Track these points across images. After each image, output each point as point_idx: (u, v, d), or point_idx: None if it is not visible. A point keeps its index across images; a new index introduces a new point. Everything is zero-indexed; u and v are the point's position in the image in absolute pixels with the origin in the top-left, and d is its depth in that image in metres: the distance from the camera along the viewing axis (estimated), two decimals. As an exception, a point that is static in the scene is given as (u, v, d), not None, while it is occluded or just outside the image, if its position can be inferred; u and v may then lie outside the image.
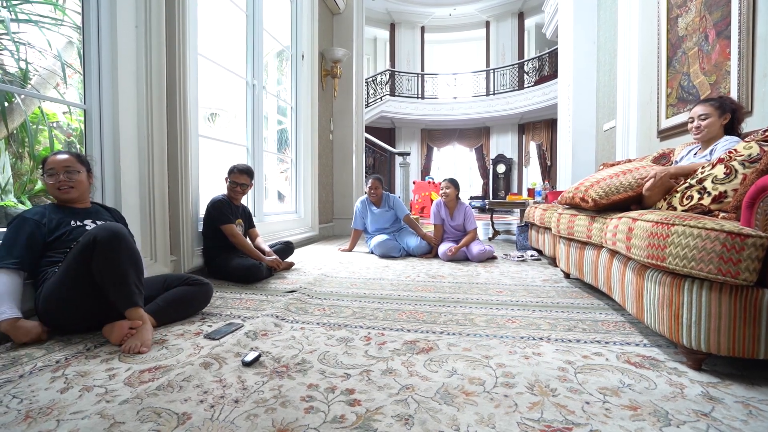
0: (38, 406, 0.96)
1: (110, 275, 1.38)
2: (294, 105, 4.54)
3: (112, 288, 1.40)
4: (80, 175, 1.62)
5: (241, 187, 2.63)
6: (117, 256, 1.39)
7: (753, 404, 0.98)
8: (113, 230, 1.41)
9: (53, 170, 1.57)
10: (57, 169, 1.57)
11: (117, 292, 1.40)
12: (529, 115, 11.90)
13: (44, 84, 2.52)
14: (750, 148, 1.41)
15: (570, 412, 0.95)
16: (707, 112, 1.87)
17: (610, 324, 1.64)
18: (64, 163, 1.58)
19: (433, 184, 10.40)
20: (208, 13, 3.13)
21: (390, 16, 12.77)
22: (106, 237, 1.38)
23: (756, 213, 1.08)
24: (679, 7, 2.99)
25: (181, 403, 0.98)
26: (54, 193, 1.60)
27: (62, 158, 1.59)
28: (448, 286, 2.37)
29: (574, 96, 5.32)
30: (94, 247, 1.37)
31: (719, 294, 1.08)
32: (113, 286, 1.40)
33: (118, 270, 1.39)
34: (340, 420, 0.91)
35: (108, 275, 1.38)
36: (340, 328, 1.57)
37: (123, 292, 1.40)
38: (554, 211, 2.76)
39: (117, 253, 1.39)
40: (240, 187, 2.62)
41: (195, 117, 2.65)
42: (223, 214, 2.48)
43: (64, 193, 1.59)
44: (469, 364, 1.23)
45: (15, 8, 2.23)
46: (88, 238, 1.38)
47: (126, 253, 1.42)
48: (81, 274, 1.39)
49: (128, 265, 1.42)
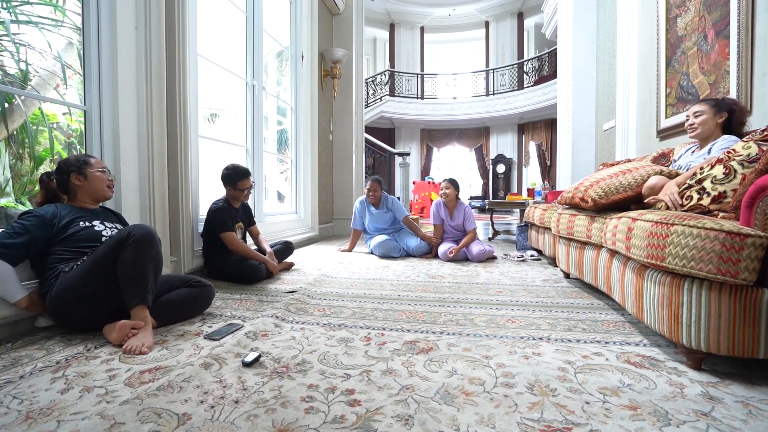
0: (38, 407, 0.97)
1: (132, 269, 1.44)
2: (294, 105, 4.54)
3: (129, 282, 1.44)
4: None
5: (249, 190, 2.66)
6: (144, 253, 1.47)
7: (753, 404, 0.99)
8: (148, 230, 1.52)
9: (104, 169, 1.71)
10: (106, 169, 1.73)
11: (132, 287, 1.44)
12: (528, 115, 11.90)
13: (44, 85, 2.52)
14: (749, 148, 1.40)
15: (570, 412, 0.95)
16: (702, 110, 1.88)
17: (609, 324, 1.64)
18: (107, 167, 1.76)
19: (433, 184, 10.40)
20: (207, 14, 3.13)
21: (389, 16, 12.77)
22: (141, 233, 1.48)
23: (755, 213, 1.08)
24: (678, 7, 2.99)
25: (182, 403, 0.98)
26: (102, 188, 1.70)
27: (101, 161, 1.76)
28: (448, 286, 2.37)
29: (573, 96, 5.32)
30: (128, 239, 1.45)
31: (719, 294, 1.08)
32: (132, 281, 1.45)
33: (140, 265, 1.45)
34: (341, 420, 0.91)
35: (130, 268, 1.44)
36: (340, 329, 1.57)
37: (138, 288, 1.45)
38: (554, 211, 2.76)
39: (145, 250, 1.47)
40: (248, 191, 2.65)
41: (195, 118, 2.65)
42: (224, 222, 2.47)
43: (111, 190, 1.74)
44: (469, 364, 1.23)
45: (15, 10, 2.23)
46: (123, 234, 1.48)
47: (152, 254, 1.50)
48: (106, 269, 1.45)
49: (150, 265, 1.49)
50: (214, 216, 2.49)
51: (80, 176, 1.65)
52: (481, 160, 13.36)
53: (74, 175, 1.64)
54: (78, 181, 1.65)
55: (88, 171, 1.66)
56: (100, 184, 1.68)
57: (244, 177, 2.60)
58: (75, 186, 1.65)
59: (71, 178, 1.64)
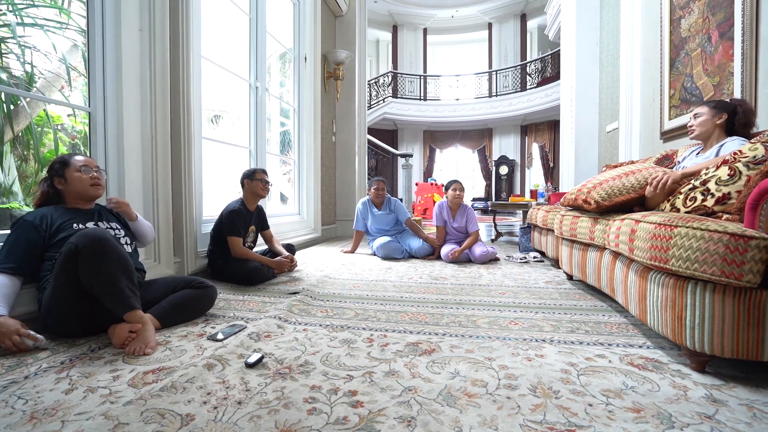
0: (43, 407, 0.97)
1: (100, 283, 1.34)
2: (297, 107, 4.55)
3: (104, 296, 1.36)
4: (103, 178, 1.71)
5: (267, 183, 2.70)
6: (102, 263, 1.34)
7: (757, 407, 0.98)
8: (94, 236, 1.35)
9: (87, 167, 1.63)
10: (90, 165, 1.65)
11: (110, 299, 1.37)
12: (531, 117, 11.89)
13: (49, 87, 2.54)
14: (755, 150, 1.40)
15: (573, 414, 0.95)
16: (701, 112, 1.91)
17: (613, 326, 1.63)
18: (94, 163, 1.68)
19: (436, 185, 10.39)
20: (211, 16, 3.15)
21: (392, 18, 12.80)
22: (88, 244, 1.32)
23: (759, 215, 1.08)
24: (682, 9, 2.98)
25: (185, 404, 0.98)
26: (84, 188, 1.62)
27: (90, 158, 1.69)
28: (451, 287, 2.36)
29: (576, 97, 5.31)
30: (77, 255, 1.32)
31: (723, 296, 1.07)
32: (105, 294, 1.36)
33: (106, 276, 1.35)
34: (343, 421, 0.91)
35: (97, 283, 1.34)
36: (342, 330, 1.58)
37: (116, 298, 1.37)
38: (557, 212, 2.75)
39: (102, 259, 1.34)
40: (266, 183, 2.69)
41: (198, 119, 2.66)
42: (234, 226, 2.48)
43: (96, 188, 1.65)
44: (471, 365, 1.23)
45: (21, 12, 2.24)
46: (69, 248, 1.33)
47: (112, 258, 1.36)
48: (70, 283, 1.35)
49: (116, 270, 1.36)
50: (227, 218, 2.49)
51: (61, 179, 1.60)
52: (483, 162, 13.35)
53: (56, 179, 1.60)
54: (60, 184, 1.60)
55: (66, 173, 1.60)
56: (80, 185, 1.60)
57: (261, 170, 2.69)
58: (59, 190, 1.61)
59: (54, 182, 1.60)
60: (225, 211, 2.54)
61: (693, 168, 1.71)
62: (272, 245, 2.87)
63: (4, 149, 2.39)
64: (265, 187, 2.68)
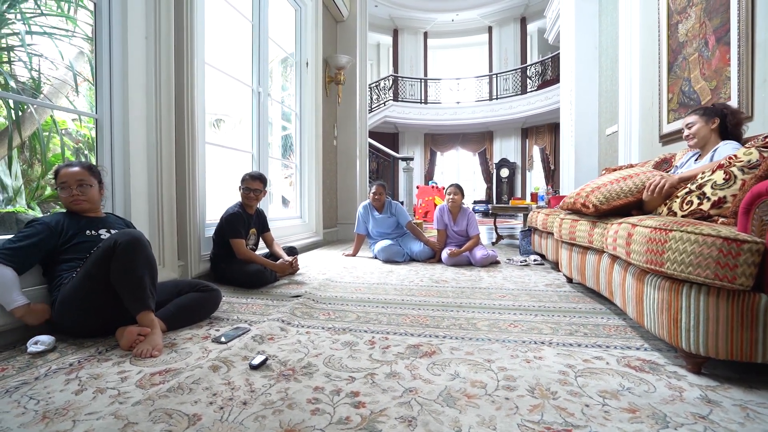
0: (54, 407, 1.00)
1: (127, 278, 1.44)
2: (298, 111, 4.59)
3: (127, 290, 1.45)
4: (92, 188, 1.67)
5: (254, 192, 2.67)
6: (135, 260, 1.46)
7: (750, 407, 1.00)
8: (134, 236, 1.49)
9: (66, 183, 1.62)
10: (70, 182, 1.62)
11: (131, 295, 1.45)
12: (532, 120, 11.92)
13: (56, 93, 2.58)
14: (750, 154, 1.42)
15: (570, 414, 0.97)
16: (692, 120, 1.96)
17: (611, 328, 1.65)
18: (77, 176, 1.64)
19: (437, 188, 10.42)
20: (214, 24, 3.19)
21: (393, 22, 12.86)
22: (127, 241, 1.45)
23: (752, 219, 1.11)
24: (679, 14, 3.01)
25: (192, 404, 1.01)
26: (67, 204, 1.66)
27: (75, 171, 1.64)
28: (452, 290, 2.39)
29: (576, 101, 5.34)
30: (115, 250, 1.44)
31: (717, 299, 1.10)
32: (128, 289, 1.45)
33: (134, 273, 1.45)
34: (346, 421, 0.94)
35: (124, 278, 1.44)
36: (344, 333, 1.60)
37: (137, 295, 1.46)
38: (556, 216, 2.78)
39: (135, 257, 1.46)
40: (253, 192, 2.66)
41: (202, 125, 2.70)
42: (235, 229, 2.51)
43: (76, 204, 1.65)
44: (471, 367, 1.26)
45: (29, 21, 2.29)
46: (109, 242, 1.45)
47: (143, 259, 1.49)
48: (100, 278, 1.44)
49: (144, 270, 1.48)
50: (227, 222, 2.52)
51: (59, 191, 1.65)
52: (484, 165, 13.38)
53: (54, 185, 1.66)
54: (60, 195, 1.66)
55: (58, 186, 1.65)
56: (64, 200, 1.65)
57: (253, 178, 2.67)
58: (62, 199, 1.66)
59: (58, 191, 1.66)
60: (224, 215, 2.57)
61: (690, 172, 1.74)
62: (273, 248, 2.89)
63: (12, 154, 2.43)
64: (248, 195, 2.64)
